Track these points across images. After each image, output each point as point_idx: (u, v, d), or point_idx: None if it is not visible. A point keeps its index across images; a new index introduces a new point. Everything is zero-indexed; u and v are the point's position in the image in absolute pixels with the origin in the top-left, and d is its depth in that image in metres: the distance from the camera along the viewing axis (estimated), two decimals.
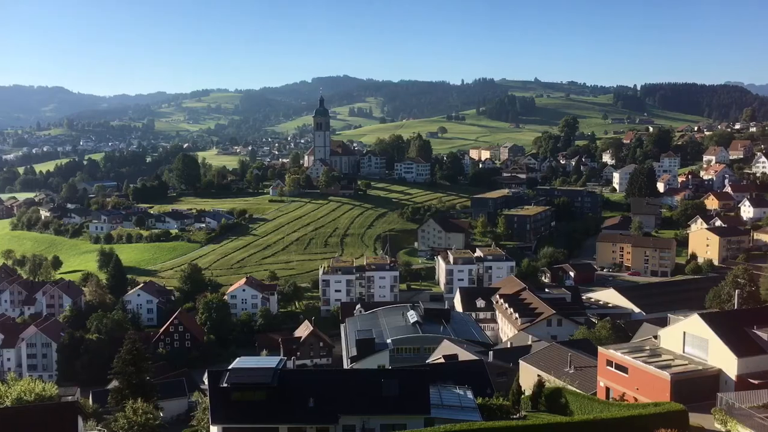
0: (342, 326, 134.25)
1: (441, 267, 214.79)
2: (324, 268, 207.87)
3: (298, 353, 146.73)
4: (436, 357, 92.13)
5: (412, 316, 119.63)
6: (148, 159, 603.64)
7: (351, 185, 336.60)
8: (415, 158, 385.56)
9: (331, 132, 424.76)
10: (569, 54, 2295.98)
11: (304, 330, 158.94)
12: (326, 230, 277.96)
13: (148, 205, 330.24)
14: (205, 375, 71.43)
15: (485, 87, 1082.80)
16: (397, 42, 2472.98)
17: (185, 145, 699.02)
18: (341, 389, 49.46)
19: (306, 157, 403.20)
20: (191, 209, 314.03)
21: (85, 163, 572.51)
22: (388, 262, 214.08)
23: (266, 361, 61.10)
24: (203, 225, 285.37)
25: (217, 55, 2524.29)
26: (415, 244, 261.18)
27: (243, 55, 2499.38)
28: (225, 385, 48.39)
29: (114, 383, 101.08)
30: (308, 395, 48.07)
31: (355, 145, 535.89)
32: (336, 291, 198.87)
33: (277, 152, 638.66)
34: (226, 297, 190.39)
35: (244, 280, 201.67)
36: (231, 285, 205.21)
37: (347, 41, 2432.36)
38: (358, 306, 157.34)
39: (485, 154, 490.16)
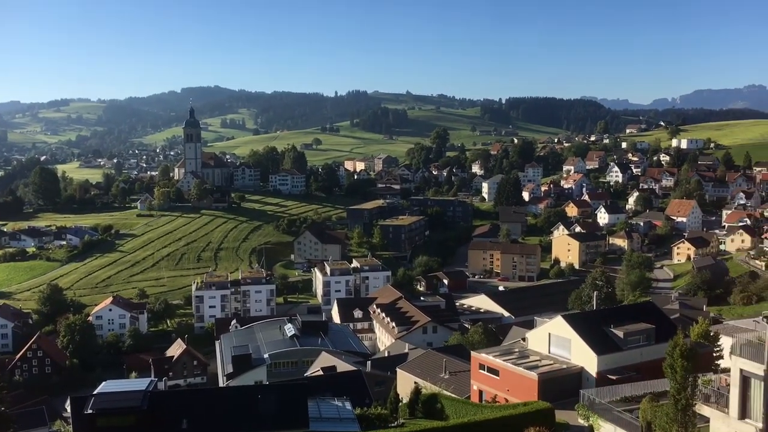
0: (217, 343, 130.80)
1: (318, 279, 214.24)
2: (197, 283, 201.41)
3: (171, 373, 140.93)
4: (315, 370, 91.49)
5: (290, 330, 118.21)
6: (1, 173, 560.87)
7: (224, 198, 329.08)
8: (290, 170, 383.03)
9: (202, 144, 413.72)
10: (438, 68, 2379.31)
11: (176, 349, 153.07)
12: (199, 245, 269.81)
13: (1, 223, 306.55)
14: (68, 402, 67.14)
15: (359, 99, 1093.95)
16: (269, 53, 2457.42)
17: (43, 158, 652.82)
18: (216, 408, 47.84)
19: (176, 170, 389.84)
20: (50, 226, 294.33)
21: None
22: (264, 275, 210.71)
23: (135, 383, 58.04)
24: (64, 242, 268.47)
25: (77, 63, 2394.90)
26: (292, 256, 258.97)
27: (106, 63, 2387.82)
28: (90, 411, 45.40)
29: None
30: (181, 417, 46.04)
31: (228, 157, 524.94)
32: (210, 307, 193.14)
33: (145, 165, 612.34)
34: (90, 318, 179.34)
35: (110, 299, 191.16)
36: (96, 305, 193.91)
37: (218, 51, 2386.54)
38: (234, 321, 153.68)
39: (360, 166, 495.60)
